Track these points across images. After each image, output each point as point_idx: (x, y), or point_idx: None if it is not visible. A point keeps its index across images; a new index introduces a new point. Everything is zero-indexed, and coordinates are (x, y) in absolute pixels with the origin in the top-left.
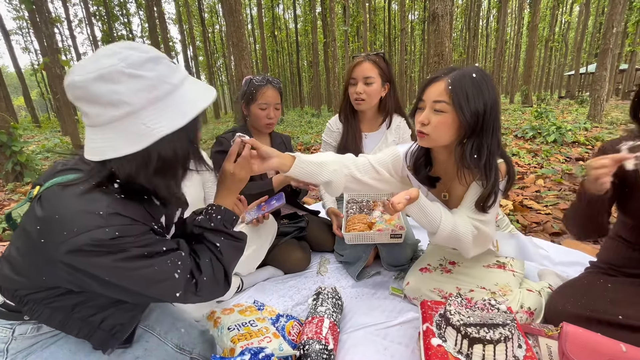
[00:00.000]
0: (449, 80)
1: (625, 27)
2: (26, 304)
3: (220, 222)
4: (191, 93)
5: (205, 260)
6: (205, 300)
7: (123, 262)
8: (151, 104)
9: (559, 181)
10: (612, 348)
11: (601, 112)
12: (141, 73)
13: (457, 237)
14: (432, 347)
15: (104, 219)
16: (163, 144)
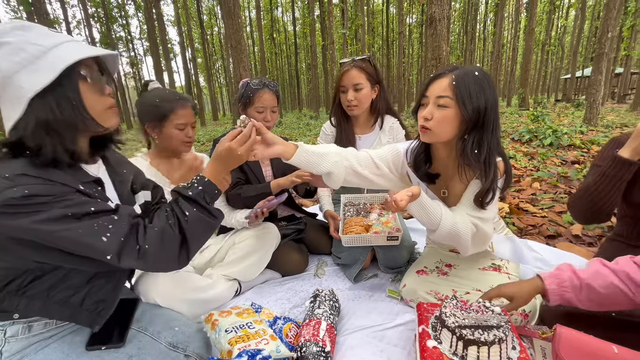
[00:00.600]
0: (453, 77)
1: (621, 31)
2: (4, 299)
3: (200, 194)
4: (67, 51)
5: (155, 229)
6: (152, 270)
7: (43, 223)
8: (22, 67)
9: (554, 184)
10: (604, 350)
11: (597, 115)
12: (5, 40)
13: (457, 234)
14: (427, 349)
15: (10, 180)
16: (38, 105)
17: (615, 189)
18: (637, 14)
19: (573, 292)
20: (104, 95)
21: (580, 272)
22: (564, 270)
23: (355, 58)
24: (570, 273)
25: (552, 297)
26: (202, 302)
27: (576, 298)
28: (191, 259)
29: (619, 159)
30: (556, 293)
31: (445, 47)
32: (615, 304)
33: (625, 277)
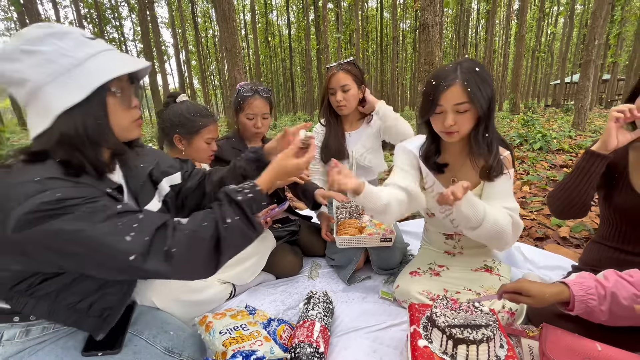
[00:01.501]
0: (464, 83)
1: (608, 39)
2: (12, 298)
3: (248, 201)
4: (98, 66)
5: (185, 231)
6: (177, 277)
7: (71, 223)
8: (53, 79)
9: (543, 187)
10: (588, 347)
11: (585, 120)
12: (37, 48)
13: (500, 226)
14: (418, 349)
15: (40, 184)
16: (64, 120)
17: (588, 183)
18: (623, 22)
19: (598, 300)
20: (130, 108)
21: (604, 281)
22: (587, 278)
23: (341, 62)
24: (594, 281)
25: (577, 305)
26: (196, 304)
27: (599, 308)
28: (219, 269)
29: (590, 152)
30: (582, 301)
31: (438, 53)
32: (631, 318)
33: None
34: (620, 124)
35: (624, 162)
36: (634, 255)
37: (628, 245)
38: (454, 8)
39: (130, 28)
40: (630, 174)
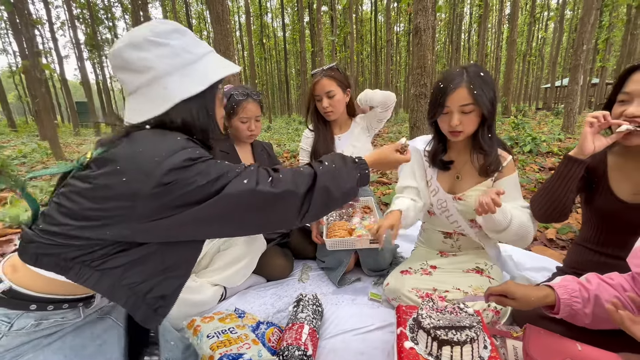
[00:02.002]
0: (470, 86)
1: (596, 44)
2: (71, 269)
3: (355, 158)
4: (212, 65)
5: (288, 169)
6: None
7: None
8: (175, 70)
9: (532, 190)
10: (569, 347)
11: (574, 123)
12: (166, 41)
13: (524, 225)
14: (404, 350)
15: (184, 141)
16: (180, 108)
17: (567, 187)
18: (611, 28)
19: (582, 303)
20: (221, 106)
21: (587, 284)
22: (570, 281)
23: (324, 68)
24: (577, 284)
25: (562, 308)
26: (190, 305)
27: (583, 311)
28: (310, 216)
29: (568, 157)
30: (567, 304)
31: (430, 57)
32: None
33: (622, 290)
34: (595, 130)
35: (603, 166)
36: (614, 258)
37: (607, 248)
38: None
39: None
40: (610, 178)
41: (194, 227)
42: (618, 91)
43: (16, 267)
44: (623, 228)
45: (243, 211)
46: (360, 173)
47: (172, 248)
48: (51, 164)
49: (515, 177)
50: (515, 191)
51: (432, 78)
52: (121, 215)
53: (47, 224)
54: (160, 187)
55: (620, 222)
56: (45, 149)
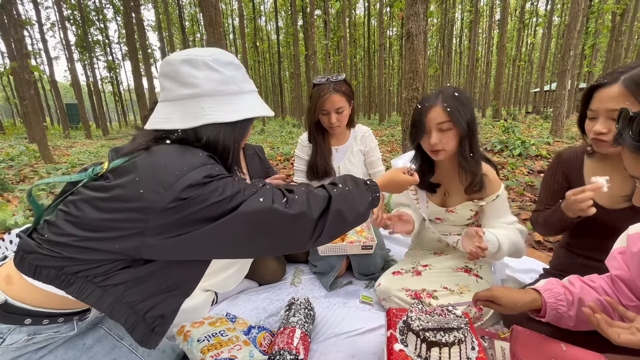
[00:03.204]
0: (444, 105)
1: (583, 49)
2: (73, 284)
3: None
4: (252, 102)
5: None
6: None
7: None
8: (216, 94)
9: (521, 193)
10: (554, 348)
11: (562, 127)
12: (221, 69)
13: (514, 243)
14: (394, 352)
15: (205, 158)
16: (210, 129)
17: (564, 222)
18: (597, 34)
19: (567, 306)
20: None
21: (571, 287)
22: (555, 284)
23: (331, 79)
24: (562, 288)
25: (549, 312)
26: (181, 312)
27: (567, 313)
28: (323, 239)
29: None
30: (553, 307)
31: (422, 61)
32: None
33: (603, 293)
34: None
35: (581, 173)
36: (596, 261)
37: (589, 251)
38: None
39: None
40: (587, 184)
41: (205, 245)
42: (586, 107)
43: (11, 279)
44: (603, 232)
45: (256, 230)
46: (372, 196)
47: (176, 267)
48: (40, 167)
49: (502, 193)
50: (503, 209)
51: (424, 82)
52: (133, 228)
53: (53, 234)
54: (177, 202)
55: (600, 227)
56: (34, 151)
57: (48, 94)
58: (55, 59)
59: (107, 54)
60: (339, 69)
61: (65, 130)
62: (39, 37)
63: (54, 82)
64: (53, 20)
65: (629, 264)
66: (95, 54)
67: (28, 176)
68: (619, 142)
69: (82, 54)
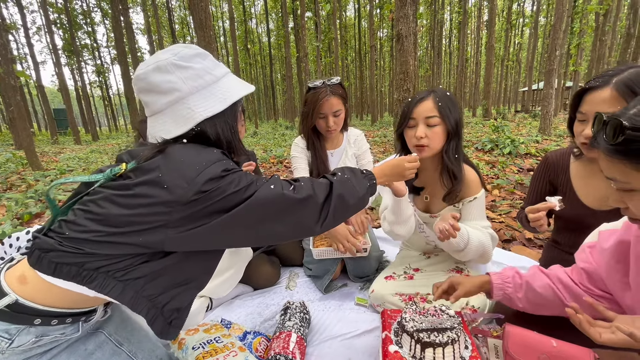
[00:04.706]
0: (436, 99)
1: (569, 49)
2: (95, 279)
3: (364, 171)
4: (231, 84)
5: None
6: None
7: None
8: (197, 91)
9: (511, 191)
10: (544, 343)
11: (550, 125)
12: (189, 64)
13: (482, 244)
14: (389, 354)
15: (219, 155)
16: (208, 126)
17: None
18: (582, 34)
19: (514, 288)
20: (241, 121)
21: (522, 273)
22: (508, 269)
23: (327, 82)
24: (513, 272)
25: (495, 292)
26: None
27: (516, 295)
28: (329, 222)
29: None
30: (499, 288)
31: (413, 62)
32: (549, 308)
33: (556, 280)
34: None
35: (567, 175)
36: None
37: (573, 249)
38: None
39: (104, 34)
40: (575, 186)
41: (224, 234)
42: (575, 109)
43: (25, 278)
44: (589, 231)
45: (269, 215)
46: (369, 183)
47: (192, 260)
48: (27, 174)
49: (481, 196)
50: (480, 212)
51: (415, 83)
52: (158, 221)
53: (75, 231)
54: (200, 194)
55: (586, 226)
56: (21, 158)
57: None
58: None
59: (96, 58)
60: (331, 71)
61: (54, 136)
62: (25, 42)
63: (40, 87)
64: (39, 24)
65: (598, 259)
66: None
67: (15, 184)
68: (594, 145)
69: (70, 58)
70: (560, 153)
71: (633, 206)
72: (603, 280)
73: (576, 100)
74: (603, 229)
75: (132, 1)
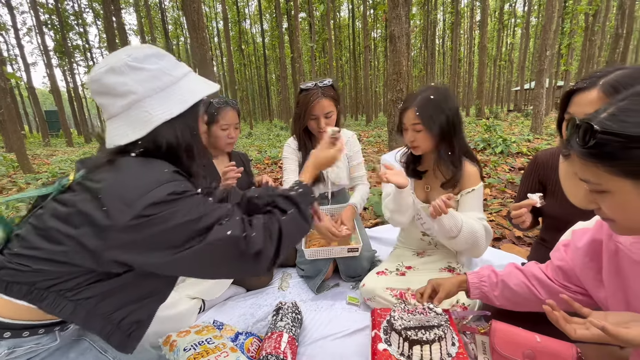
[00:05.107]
0: (416, 108)
1: (560, 49)
2: (45, 299)
3: (300, 196)
4: (192, 85)
5: (259, 218)
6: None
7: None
8: (154, 93)
9: (502, 190)
10: (528, 339)
11: (541, 125)
12: (144, 66)
13: (475, 232)
14: (378, 352)
15: (170, 174)
16: (165, 130)
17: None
18: (572, 34)
19: (490, 287)
20: (203, 122)
21: (498, 271)
22: (484, 268)
23: (319, 84)
24: (489, 271)
25: (472, 291)
26: (167, 320)
27: (492, 293)
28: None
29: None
30: (476, 287)
31: (406, 63)
32: (526, 304)
33: (532, 277)
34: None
35: (556, 175)
36: None
37: None
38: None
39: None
40: (563, 185)
41: (165, 266)
42: (564, 110)
43: None
44: None
45: (216, 261)
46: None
47: (148, 279)
48: (18, 177)
49: (479, 189)
50: (476, 203)
51: (408, 83)
52: (95, 243)
53: (23, 247)
54: (139, 219)
55: (572, 225)
56: (12, 161)
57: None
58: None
59: (88, 59)
60: (325, 71)
61: (45, 138)
62: (15, 43)
63: (31, 88)
64: (30, 25)
65: (572, 257)
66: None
67: (6, 187)
68: (568, 148)
69: (62, 60)
70: (550, 152)
71: (605, 207)
72: (578, 277)
73: (564, 101)
74: (577, 228)
75: (125, 2)
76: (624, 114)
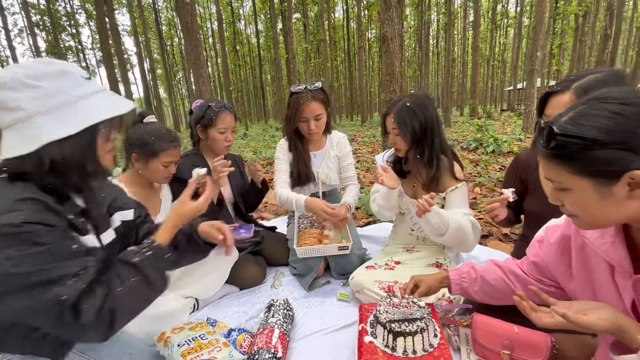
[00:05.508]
0: (393, 114)
1: (551, 49)
2: None
3: (146, 260)
4: (92, 107)
5: (103, 284)
6: (75, 337)
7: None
8: (48, 111)
9: (492, 188)
10: (507, 330)
11: (532, 124)
12: (40, 84)
13: (462, 228)
14: (364, 344)
15: (19, 203)
16: (53, 148)
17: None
18: (563, 34)
19: (469, 282)
20: (109, 140)
21: (477, 267)
22: (465, 265)
23: (309, 87)
24: (469, 267)
25: (453, 287)
26: (158, 319)
27: (472, 288)
28: (113, 334)
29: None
30: (456, 283)
31: (399, 64)
32: (503, 298)
33: (509, 272)
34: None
35: (537, 173)
36: None
37: None
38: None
39: (89, 36)
40: (543, 184)
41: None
42: (541, 112)
43: None
44: None
45: (47, 326)
46: (159, 264)
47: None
48: None
49: (462, 187)
50: (462, 200)
51: (402, 84)
52: None
53: None
54: None
55: None
56: None
57: None
58: None
59: (81, 60)
60: (320, 72)
61: None
62: (6, 44)
63: None
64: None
65: (546, 252)
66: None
67: None
68: (534, 149)
69: None
70: (530, 153)
71: (567, 204)
72: (551, 272)
73: (542, 103)
74: (550, 225)
75: (118, 2)
76: (582, 118)
